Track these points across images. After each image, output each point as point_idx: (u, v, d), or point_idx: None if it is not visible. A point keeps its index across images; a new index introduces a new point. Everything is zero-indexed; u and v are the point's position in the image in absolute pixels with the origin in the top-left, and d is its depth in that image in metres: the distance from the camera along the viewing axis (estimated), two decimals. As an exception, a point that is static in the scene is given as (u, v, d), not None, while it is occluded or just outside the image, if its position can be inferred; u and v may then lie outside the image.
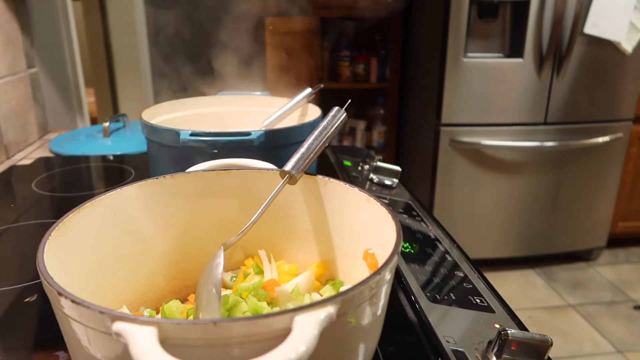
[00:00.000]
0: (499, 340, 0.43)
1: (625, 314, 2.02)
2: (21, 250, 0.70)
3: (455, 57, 1.99)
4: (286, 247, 0.53)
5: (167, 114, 0.84)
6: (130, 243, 0.47)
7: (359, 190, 0.46)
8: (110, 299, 0.44)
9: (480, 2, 1.97)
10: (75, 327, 0.31)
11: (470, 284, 0.56)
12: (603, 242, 2.36)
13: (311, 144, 0.48)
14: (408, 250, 0.64)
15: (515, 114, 2.08)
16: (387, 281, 0.35)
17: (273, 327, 0.28)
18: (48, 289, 0.32)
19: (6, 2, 1.12)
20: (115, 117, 1.21)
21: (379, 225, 0.43)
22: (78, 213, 0.41)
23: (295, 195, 0.50)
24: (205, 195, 0.51)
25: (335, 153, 1.06)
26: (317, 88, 0.86)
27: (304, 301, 0.44)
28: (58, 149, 1.13)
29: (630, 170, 2.29)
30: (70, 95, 1.37)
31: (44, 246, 0.36)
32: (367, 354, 0.37)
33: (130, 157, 1.07)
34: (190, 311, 0.44)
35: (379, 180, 0.88)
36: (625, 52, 2.02)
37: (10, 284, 0.58)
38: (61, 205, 0.84)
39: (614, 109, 2.13)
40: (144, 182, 0.48)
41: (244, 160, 0.55)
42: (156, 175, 0.49)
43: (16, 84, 1.16)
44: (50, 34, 1.30)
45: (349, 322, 0.32)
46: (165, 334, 0.27)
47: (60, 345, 0.45)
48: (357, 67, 2.62)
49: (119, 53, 2.40)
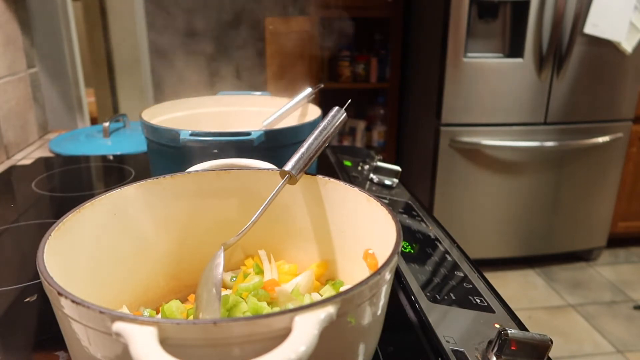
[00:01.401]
0: (499, 340, 0.43)
1: (625, 314, 2.02)
2: (21, 250, 0.70)
3: (455, 57, 1.99)
4: (286, 247, 0.53)
5: (167, 114, 0.84)
6: (130, 243, 0.47)
7: (359, 190, 0.46)
8: (110, 299, 0.44)
9: (480, 2, 1.97)
10: (75, 327, 0.31)
11: (470, 284, 0.56)
12: (603, 242, 2.36)
13: (311, 144, 0.48)
14: (408, 250, 0.64)
15: (515, 114, 2.08)
16: (387, 281, 0.35)
17: (273, 327, 0.28)
18: (48, 289, 0.32)
19: (6, 2, 1.12)
20: (115, 117, 1.21)
21: (379, 225, 0.43)
22: (78, 213, 0.41)
23: (295, 195, 0.50)
24: (205, 195, 0.51)
25: (335, 153, 1.06)
26: (317, 88, 0.86)
27: (304, 301, 0.44)
28: (58, 149, 1.13)
29: (630, 170, 2.29)
30: (70, 95, 1.37)
31: (44, 246, 0.36)
32: (367, 354, 0.37)
33: (130, 157, 1.07)
34: (190, 311, 0.44)
35: (379, 180, 0.88)
36: (625, 52, 2.02)
37: (10, 284, 0.58)
38: (61, 205, 0.84)
39: (614, 109, 2.13)
40: (144, 182, 0.48)
41: (244, 160, 0.55)
42: (156, 175, 0.49)
43: (16, 84, 1.16)
44: (50, 34, 1.30)
45: (349, 322, 0.32)
46: (165, 334, 0.27)
47: (60, 345, 0.45)
48: (357, 67, 2.62)
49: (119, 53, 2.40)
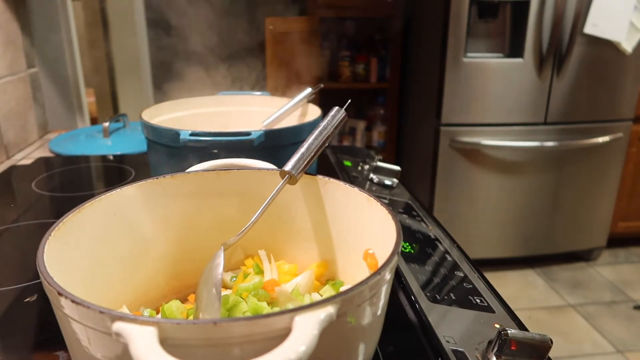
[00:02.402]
0: (499, 340, 0.43)
1: (625, 314, 2.01)
2: (21, 250, 0.70)
3: (455, 57, 1.99)
4: (286, 247, 0.53)
5: (167, 114, 0.84)
6: (130, 243, 0.47)
7: (359, 190, 0.46)
8: (110, 299, 0.44)
9: (480, 2, 1.97)
10: (75, 327, 0.31)
11: (470, 284, 0.56)
12: (603, 242, 2.36)
13: (311, 144, 0.48)
14: (408, 250, 0.64)
15: (515, 114, 2.08)
16: (387, 281, 0.35)
17: (273, 327, 0.28)
18: (48, 289, 0.32)
19: (6, 2, 1.12)
20: (115, 117, 1.21)
21: (379, 225, 0.43)
22: (78, 213, 0.41)
23: (295, 195, 0.50)
24: (205, 195, 0.51)
25: (335, 153, 1.06)
26: (317, 88, 0.86)
27: (304, 301, 0.44)
28: (58, 149, 1.13)
29: (630, 170, 2.29)
30: (70, 95, 1.37)
31: (44, 246, 0.36)
32: (367, 354, 0.37)
33: (130, 157, 1.07)
34: (190, 311, 0.44)
35: (379, 180, 0.88)
36: (625, 52, 2.02)
37: (10, 284, 0.58)
38: (61, 205, 0.84)
39: (614, 109, 2.13)
40: (143, 182, 0.48)
41: (244, 160, 0.55)
42: (156, 175, 0.49)
43: (16, 84, 1.16)
44: (50, 34, 1.30)
45: (349, 322, 0.32)
46: (165, 334, 0.27)
47: (60, 345, 0.45)
48: (357, 67, 2.62)
49: (119, 53, 2.40)
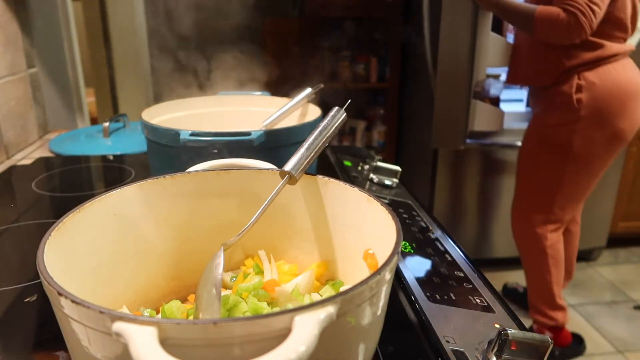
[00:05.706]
0: (499, 340, 0.43)
1: (625, 314, 2.01)
2: (21, 250, 0.70)
3: (455, 57, 1.98)
4: (286, 247, 0.53)
5: (167, 114, 0.84)
6: (130, 243, 0.47)
7: (359, 190, 0.46)
8: (110, 299, 0.44)
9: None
10: (75, 327, 0.31)
11: (470, 284, 0.56)
12: (603, 242, 2.36)
13: (311, 144, 0.48)
14: (408, 250, 0.64)
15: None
16: (387, 281, 0.35)
17: (273, 327, 0.28)
18: (48, 289, 0.32)
19: (6, 2, 1.12)
20: (115, 117, 1.21)
21: (379, 225, 0.43)
22: (78, 213, 0.41)
23: (295, 195, 0.50)
24: (205, 195, 0.51)
25: (335, 153, 1.06)
26: (317, 88, 0.86)
27: (304, 301, 0.44)
28: (58, 149, 1.13)
29: (630, 170, 2.29)
30: (70, 95, 1.37)
31: (44, 246, 0.36)
32: (367, 354, 0.37)
33: (130, 157, 1.07)
34: (190, 311, 0.44)
35: (379, 180, 0.88)
36: (625, 52, 2.01)
37: (10, 284, 0.58)
38: (61, 205, 0.84)
39: (614, 109, 2.13)
40: (144, 182, 0.48)
41: (244, 160, 0.55)
42: (156, 175, 0.49)
43: (16, 84, 1.16)
44: (50, 34, 1.30)
45: (349, 322, 0.32)
46: (166, 334, 0.27)
47: (60, 345, 0.45)
48: (357, 67, 2.61)
49: (119, 53, 2.40)
